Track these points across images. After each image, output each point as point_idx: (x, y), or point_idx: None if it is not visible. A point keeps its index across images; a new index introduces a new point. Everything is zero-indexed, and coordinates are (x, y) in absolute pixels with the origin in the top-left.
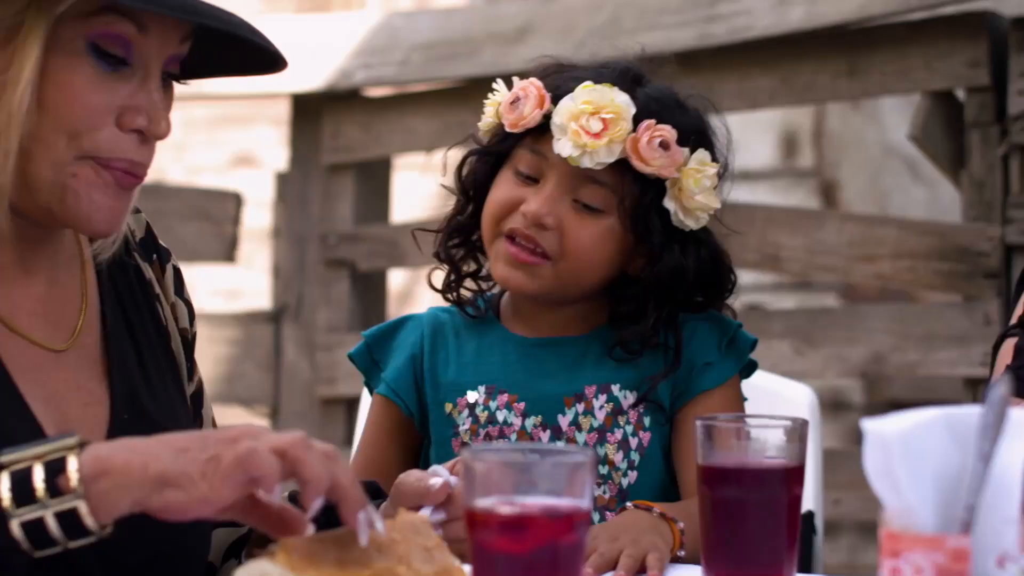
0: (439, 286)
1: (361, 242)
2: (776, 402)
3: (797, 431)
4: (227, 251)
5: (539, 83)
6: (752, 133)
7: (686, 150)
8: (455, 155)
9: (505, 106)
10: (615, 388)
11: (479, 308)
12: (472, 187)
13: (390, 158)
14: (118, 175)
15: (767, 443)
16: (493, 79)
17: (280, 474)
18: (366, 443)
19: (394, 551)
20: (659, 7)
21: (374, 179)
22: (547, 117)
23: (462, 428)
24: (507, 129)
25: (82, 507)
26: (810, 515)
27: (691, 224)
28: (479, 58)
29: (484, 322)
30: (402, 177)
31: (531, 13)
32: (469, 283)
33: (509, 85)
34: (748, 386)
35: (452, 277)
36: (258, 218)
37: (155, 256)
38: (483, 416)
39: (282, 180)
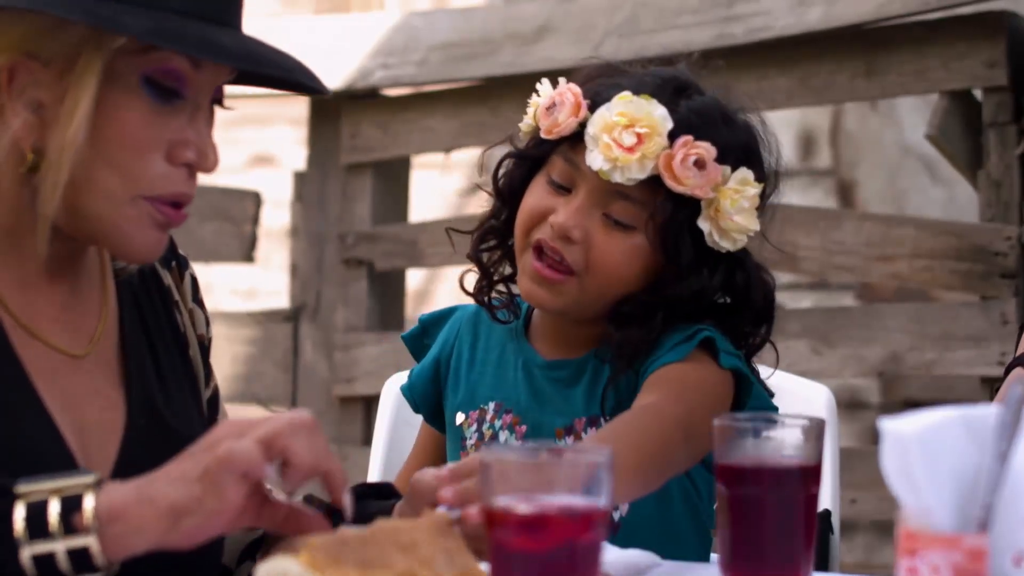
0: (471, 288)
1: (379, 242)
2: (793, 401)
3: (814, 430)
4: (246, 251)
5: (577, 89)
6: None
7: (726, 168)
8: (495, 153)
9: (541, 111)
10: (603, 421)
11: (514, 310)
12: (507, 191)
13: (408, 158)
14: (169, 213)
15: (784, 442)
16: (511, 79)
17: (264, 460)
18: (417, 441)
19: (417, 553)
20: (677, 7)
21: (392, 179)
22: (583, 125)
23: (469, 442)
24: (542, 135)
25: (94, 546)
26: (827, 514)
27: (727, 246)
28: (497, 58)
29: (514, 332)
30: (420, 177)
31: (549, 13)
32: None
33: (555, 83)
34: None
35: (484, 281)
36: (276, 218)
37: (174, 263)
38: (488, 433)
39: (300, 180)
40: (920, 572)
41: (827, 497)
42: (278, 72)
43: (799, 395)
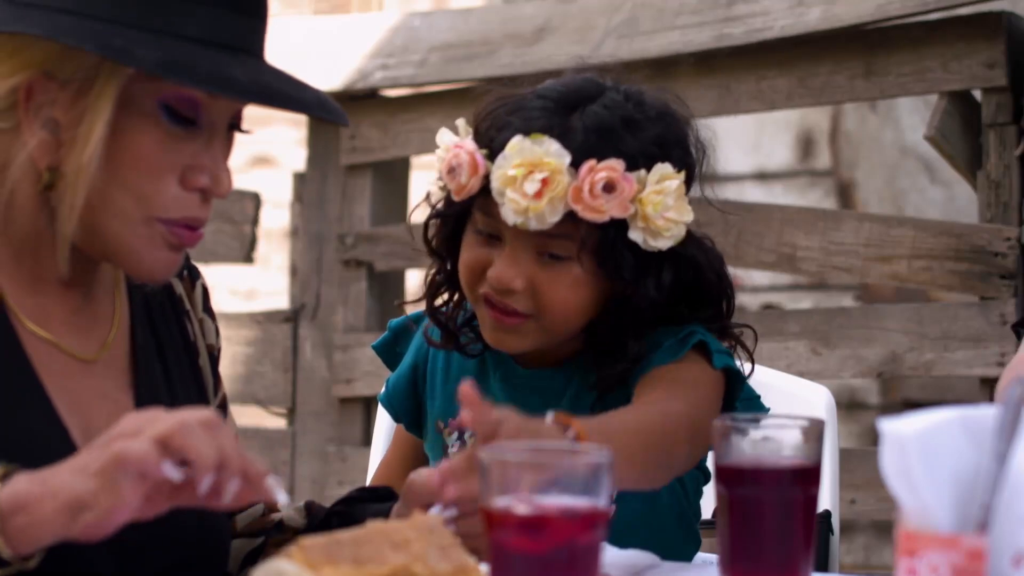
0: (436, 340)
1: (379, 242)
2: (792, 402)
3: (813, 431)
4: (246, 252)
5: (472, 147)
6: (769, 134)
7: (640, 173)
8: (421, 215)
9: (444, 174)
10: None
11: (480, 349)
12: (442, 248)
13: (408, 158)
14: (183, 235)
15: (783, 443)
16: (511, 79)
17: (159, 459)
18: (393, 439)
19: (410, 549)
20: (677, 8)
21: (392, 179)
22: (487, 177)
23: (451, 450)
24: (453, 197)
25: None
26: (826, 515)
27: (665, 244)
28: (497, 59)
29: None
30: (420, 177)
31: (549, 13)
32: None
33: (455, 129)
34: (765, 386)
35: (444, 332)
36: (275, 218)
37: (185, 272)
38: (470, 441)
39: (300, 180)
40: (919, 572)
41: (827, 498)
42: (291, 107)
43: (798, 396)
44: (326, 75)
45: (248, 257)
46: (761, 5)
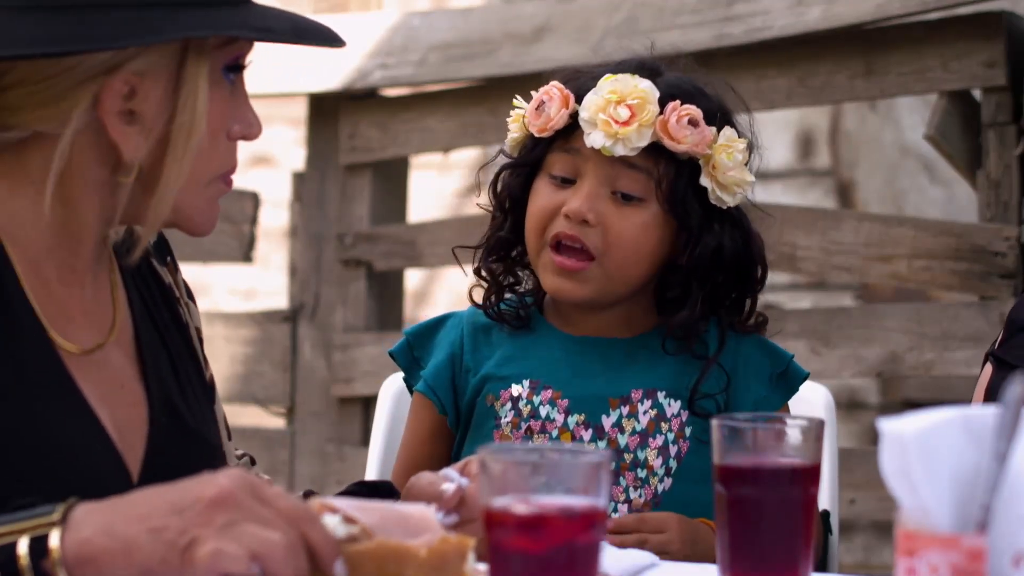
0: (479, 300)
1: (378, 242)
2: (793, 402)
3: (813, 431)
4: (244, 251)
5: (561, 85)
6: (768, 133)
7: (713, 128)
8: (486, 174)
9: (531, 112)
10: (660, 395)
11: (520, 318)
12: (508, 201)
13: (407, 158)
14: (231, 183)
15: (783, 443)
16: (510, 79)
17: (248, 569)
18: (407, 442)
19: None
20: (676, 7)
21: (391, 179)
22: (573, 116)
23: (504, 420)
24: (536, 135)
25: None
26: (826, 514)
27: (728, 200)
28: (496, 58)
29: (528, 320)
30: (419, 177)
31: (548, 13)
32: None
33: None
34: None
35: (492, 293)
36: (275, 218)
37: (168, 259)
38: (526, 410)
39: (299, 180)
40: (919, 572)
41: (826, 497)
42: (322, 43)
43: (798, 395)
44: (326, 74)
45: (247, 256)
46: (761, 4)
